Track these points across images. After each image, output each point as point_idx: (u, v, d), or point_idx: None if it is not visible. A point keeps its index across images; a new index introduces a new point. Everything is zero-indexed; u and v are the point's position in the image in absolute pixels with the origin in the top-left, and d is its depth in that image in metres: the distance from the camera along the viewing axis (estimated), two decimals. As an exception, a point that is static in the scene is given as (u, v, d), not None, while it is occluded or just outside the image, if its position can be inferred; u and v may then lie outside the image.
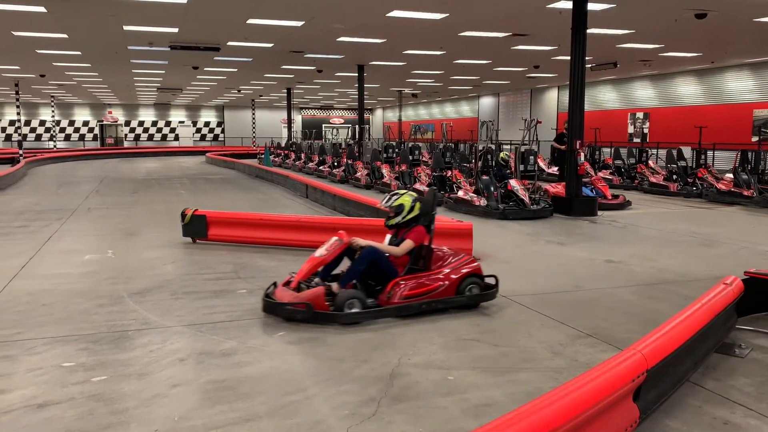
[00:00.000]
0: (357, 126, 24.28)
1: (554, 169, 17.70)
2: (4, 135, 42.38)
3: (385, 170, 16.67)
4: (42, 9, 11.73)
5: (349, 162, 19.31)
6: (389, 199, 5.72)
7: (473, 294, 5.53)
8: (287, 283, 5.38)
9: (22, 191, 16.82)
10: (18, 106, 30.42)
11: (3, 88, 30.14)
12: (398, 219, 5.64)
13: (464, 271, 5.55)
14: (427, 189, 13.30)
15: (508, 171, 12.78)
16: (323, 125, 48.37)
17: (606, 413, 2.91)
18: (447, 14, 12.39)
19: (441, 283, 5.41)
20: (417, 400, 3.67)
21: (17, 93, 29.19)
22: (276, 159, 28.25)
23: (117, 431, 3.29)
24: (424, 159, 18.80)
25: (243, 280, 6.61)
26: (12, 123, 41.40)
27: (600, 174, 17.45)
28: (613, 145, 20.52)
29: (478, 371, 4.13)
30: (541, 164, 18.50)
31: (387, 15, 12.39)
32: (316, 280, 5.33)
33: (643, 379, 3.13)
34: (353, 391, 3.78)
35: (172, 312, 5.43)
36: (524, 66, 21.90)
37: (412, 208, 5.63)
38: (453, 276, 5.47)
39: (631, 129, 26.32)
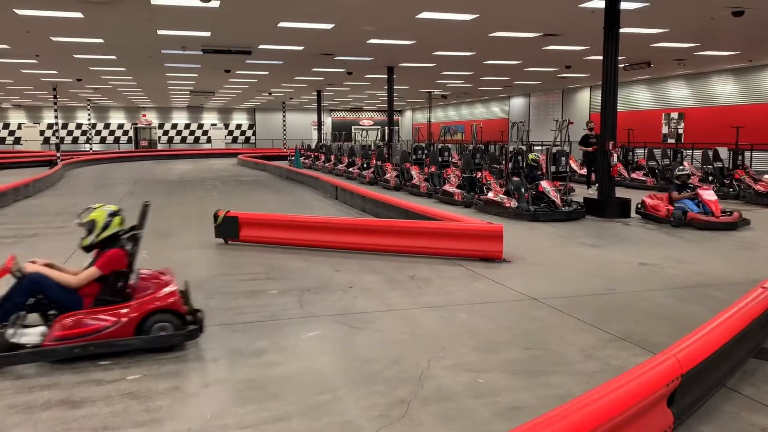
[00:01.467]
0: (386, 128, 24.31)
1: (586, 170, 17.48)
2: (42, 138, 43.46)
3: (414, 172, 16.65)
4: (79, 15, 12.01)
5: (379, 164, 19.34)
6: (82, 213, 4.81)
7: (157, 335, 4.44)
8: None
9: (60, 193, 17.24)
10: (56, 110, 31.29)
11: (41, 92, 30.93)
12: (91, 238, 4.72)
13: (151, 306, 4.48)
14: (457, 191, 13.26)
15: (539, 172, 12.66)
16: (353, 127, 48.56)
17: (639, 418, 2.86)
18: (477, 15, 12.34)
19: (114, 320, 4.39)
20: (447, 402, 3.66)
21: (55, 97, 29.99)
22: (306, 161, 28.45)
23: (151, 429, 3.35)
24: (453, 160, 18.73)
25: (274, 281, 6.68)
26: (50, 126, 42.48)
27: (633, 175, 17.15)
28: (647, 146, 20.18)
29: (509, 374, 4.10)
30: (573, 165, 18.28)
31: (417, 16, 12.39)
32: None
33: (678, 384, 3.07)
34: (383, 392, 3.79)
35: (206, 312, 5.49)
36: (556, 66, 21.67)
37: (107, 225, 4.74)
38: (132, 314, 4.43)
39: (665, 129, 25.85)
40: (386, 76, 21.98)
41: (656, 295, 6.12)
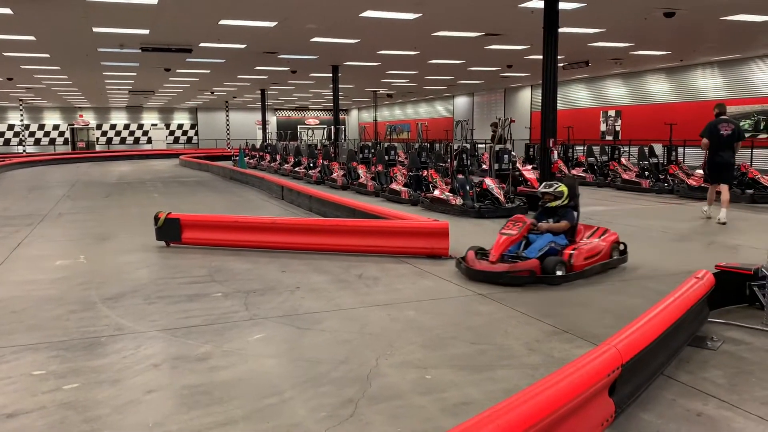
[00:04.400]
0: (332, 127, 24.21)
1: (529, 168, 17.82)
2: (-29, 140, 41.48)
3: (361, 171, 16.64)
4: (8, 11, 11.49)
5: (325, 163, 19.25)
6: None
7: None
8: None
9: (-9, 197, 16.45)
10: (-15, 111, 29.83)
11: (-31, 91, 29.52)
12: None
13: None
14: (404, 189, 13.32)
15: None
16: (298, 126, 48.16)
17: (582, 408, 2.92)
18: (420, 14, 12.42)
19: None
20: (395, 400, 3.66)
21: (-16, 97, 28.62)
22: (251, 161, 28.06)
23: (90, 439, 3.22)
24: (400, 159, 18.81)
25: (218, 284, 6.55)
26: (-21, 127, 40.55)
27: (573, 171, 17.66)
28: (586, 143, 20.77)
29: (456, 369, 4.13)
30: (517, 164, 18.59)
31: (360, 15, 12.38)
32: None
33: (619, 374, 3.15)
34: (330, 393, 3.76)
35: (146, 317, 5.35)
36: (498, 65, 22.06)
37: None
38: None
39: (603, 127, 26.66)
40: (331, 75, 21.89)
41: (597, 287, 6.28)
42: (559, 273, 6.17)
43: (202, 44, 16.04)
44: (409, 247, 7.68)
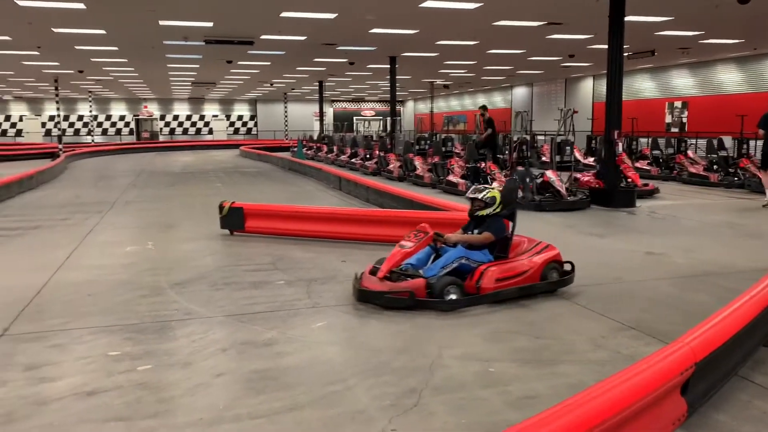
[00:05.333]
0: (389, 118, 24.24)
1: (590, 160, 17.43)
2: (44, 130, 43.39)
3: (417, 162, 16.62)
4: (81, 6, 11.95)
5: (381, 154, 19.30)
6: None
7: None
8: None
9: (63, 185, 17.23)
10: (57, 102, 31.19)
11: (43, 84, 30.84)
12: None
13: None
14: (461, 181, 13.25)
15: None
16: (354, 118, 48.44)
17: (654, 407, 2.86)
18: (481, 4, 12.26)
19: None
20: (458, 392, 3.66)
21: (56, 89, 29.90)
22: (309, 152, 28.40)
23: (164, 419, 3.36)
24: (456, 151, 18.69)
25: (281, 272, 6.67)
26: (51, 118, 42.40)
27: (637, 164, 17.14)
28: (651, 135, 20.12)
29: (519, 363, 4.10)
30: (577, 155, 18.22)
31: (420, 6, 12.32)
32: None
33: (692, 373, 3.07)
34: (393, 382, 3.79)
35: (213, 303, 5.51)
36: (559, 55, 21.58)
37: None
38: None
39: (668, 118, 25.76)
40: (389, 66, 21.88)
41: (664, 284, 6.10)
42: (451, 297, 5.18)
43: (263, 36, 16.29)
44: (468, 239, 7.62)
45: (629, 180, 12.55)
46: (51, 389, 3.74)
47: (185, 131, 47.26)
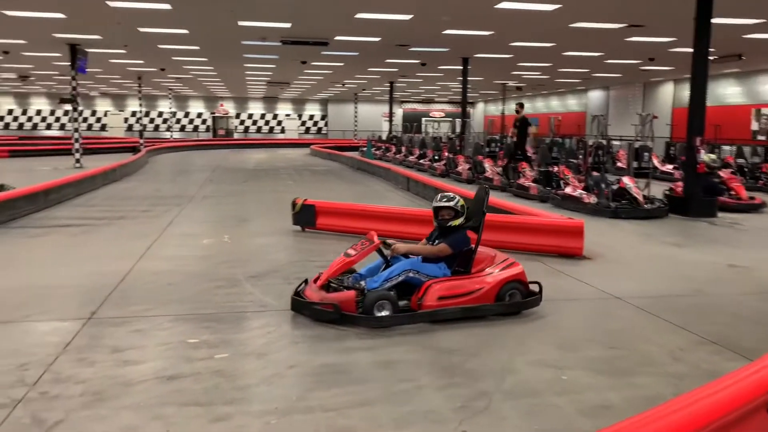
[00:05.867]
0: (459, 119, 24.10)
1: (669, 167, 16.80)
2: (126, 125, 45.49)
3: (487, 165, 16.46)
4: (167, 6, 12.47)
5: (450, 156, 19.22)
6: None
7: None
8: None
9: (145, 178, 18.02)
10: (140, 99, 32.66)
11: (127, 81, 32.34)
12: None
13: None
14: (533, 185, 13.04)
15: (717, 179, 11.95)
16: (423, 118, 48.40)
17: (740, 423, 2.74)
18: (560, 5, 12.03)
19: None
20: (530, 397, 3.61)
21: (140, 86, 31.29)
22: (377, 152, 28.59)
23: (241, 406, 3.46)
24: (528, 154, 18.36)
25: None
26: (133, 114, 44.46)
27: (720, 173, 16.40)
28: (735, 143, 19.19)
29: (594, 372, 4.01)
30: (655, 162, 17.60)
31: (496, 6, 12.20)
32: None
33: (782, 392, 2.91)
34: (464, 384, 3.78)
35: (286, 296, 5.61)
36: (638, 59, 20.92)
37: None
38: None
39: (755, 126, 24.50)
40: (461, 67, 21.77)
41: (749, 298, 5.83)
42: (382, 313, 4.80)
43: (337, 37, 16.53)
44: (540, 245, 7.51)
45: (732, 192, 11.90)
46: (135, 372, 3.93)
47: (258, 129, 48.49)
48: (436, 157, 20.89)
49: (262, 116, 48.62)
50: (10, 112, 44.47)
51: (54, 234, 8.81)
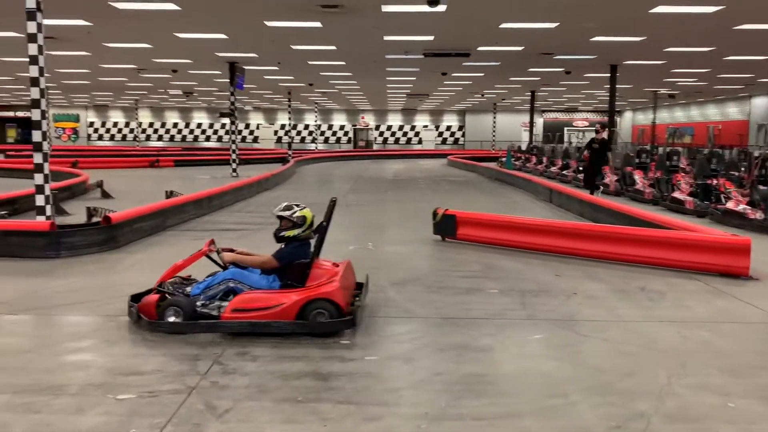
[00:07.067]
0: (607, 129, 23.04)
1: None
2: (276, 137, 48.37)
3: (637, 176, 15.60)
4: (318, 24, 13.14)
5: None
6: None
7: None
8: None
9: (293, 187, 19.04)
10: (289, 112, 34.59)
11: (277, 95, 34.40)
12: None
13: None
14: (689, 198, 12.21)
15: None
16: (565, 128, 46.91)
17: None
18: (722, 6, 11.19)
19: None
20: (693, 423, 3.39)
21: (289, 100, 33.17)
22: (516, 162, 28.09)
23: (391, 408, 3.56)
24: (682, 166, 17.20)
25: (492, 280, 6.71)
26: (282, 127, 47.13)
27: None
28: None
29: (766, 401, 3.68)
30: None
31: (650, 11, 11.60)
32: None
33: None
34: (619, 403, 3.62)
35: (430, 304, 5.72)
36: (814, 60, 18.90)
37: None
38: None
39: None
40: (608, 75, 20.86)
41: None
42: (170, 319, 4.79)
43: (479, 48, 16.50)
44: (698, 263, 7.00)
45: None
46: (293, 368, 4.16)
47: (396, 141, 49.51)
48: (580, 169, 20.12)
49: (401, 128, 49.58)
50: (175, 125, 49.02)
51: (216, 237, 9.51)
